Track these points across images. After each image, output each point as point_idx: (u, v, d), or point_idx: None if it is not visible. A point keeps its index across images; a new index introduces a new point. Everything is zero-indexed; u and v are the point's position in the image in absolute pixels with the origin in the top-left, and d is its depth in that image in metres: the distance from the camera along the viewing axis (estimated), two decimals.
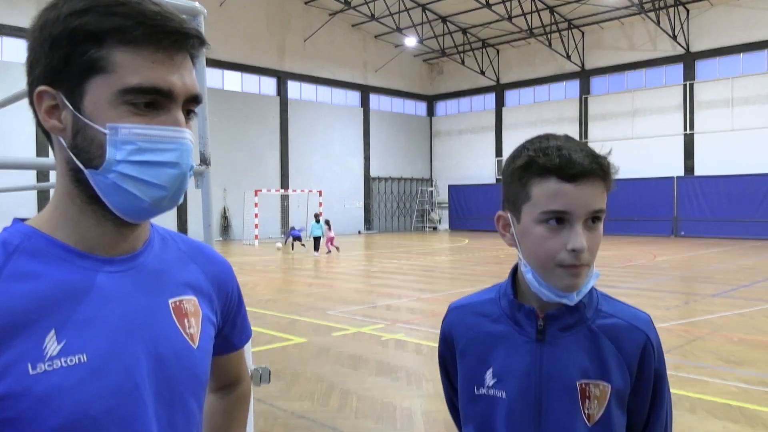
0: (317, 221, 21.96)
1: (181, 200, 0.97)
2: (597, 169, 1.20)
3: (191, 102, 0.96)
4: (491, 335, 1.34)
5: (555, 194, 1.19)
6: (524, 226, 1.25)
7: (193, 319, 1.04)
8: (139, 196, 0.91)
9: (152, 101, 0.91)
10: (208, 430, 1.24)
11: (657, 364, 1.31)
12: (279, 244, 24.78)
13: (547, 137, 1.25)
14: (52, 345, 0.87)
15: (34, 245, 0.93)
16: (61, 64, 0.90)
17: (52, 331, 0.88)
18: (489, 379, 1.32)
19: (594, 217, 1.22)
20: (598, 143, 34.33)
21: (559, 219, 1.20)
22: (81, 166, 0.92)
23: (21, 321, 0.86)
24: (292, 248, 24.15)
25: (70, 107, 0.91)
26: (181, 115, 0.94)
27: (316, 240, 21.77)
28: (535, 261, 1.24)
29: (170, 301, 1.03)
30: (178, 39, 0.92)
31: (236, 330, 1.21)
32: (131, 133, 0.90)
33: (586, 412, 1.25)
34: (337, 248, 22.38)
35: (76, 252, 0.94)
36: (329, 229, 22.30)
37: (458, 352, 1.39)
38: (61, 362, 0.87)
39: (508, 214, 1.30)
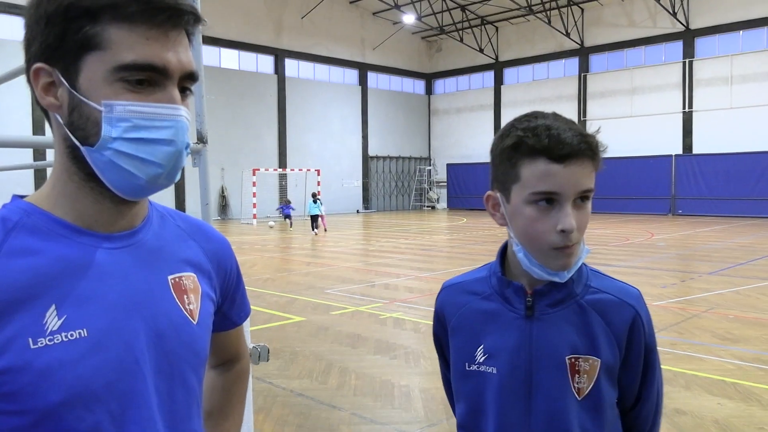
0: (315, 201, 22.28)
1: (177, 178, 0.97)
2: (586, 148, 1.19)
3: (187, 79, 0.96)
4: (482, 312, 1.35)
5: (545, 175, 1.19)
6: (514, 207, 1.25)
7: (192, 296, 1.05)
8: (135, 174, 0.92)
9: (147, 78, 0.91)
10: (208, 406, 1.25)
11: (647, 338, 1.32)
12: (272, 223, 25.00)
13: (536, 116, 1.25)
14: (52, 320, 0.88)
15: (33, 222, 0.93)
16: (57, 41, 0.89)
17: (53, 307, 0.89)
18: (480, 355, 1.33)
19: (582, 196, 1.22)
20: (596, 121, 34.33)
21: (549, 199, 1.20)
22: (77, 143, 0.92)
23: (21, 296, 0.87)
24: (290, 225, 24.27)
25: (66, 84, 0.91)
26: (176, 93, 0.94)
27: (314, 219, 22.10)
28: (527, 242, 1.25)
29: (169, 277, 1.03)
30: (172, 15, 0.91)
31: (235, 307, 1.22)
32: (126, 110, 0.90)
33: (575, 386, 1.27)
34: (325, 228, 22.82)
35: (75, 228, 0.95)
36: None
37: (450, 329, 1.41)
38: (61, 337, 0.88)
39: (498, 194, 1.30)
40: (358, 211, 37.33)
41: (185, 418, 1.02)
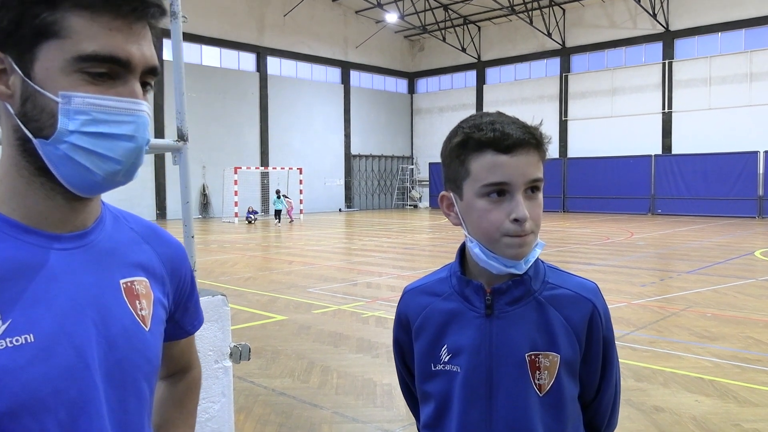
0: (278, 197, 26.18)
1: (136, 176, 0.93)
2: (530, 138, 1.23)
3: (148, 74, 0.92)
4: (444, 313, 1.36)
5: (493, 166, 1.23)
6: (467, 202, 1.28)
7: (144, 301, 1.01)
8: (92, 169, 0.87)
9: (108, 71, 0.87)
10: (158, 418, 1.20)
11: (605, 331, 1.34)
12: (236, 221, 26.72)
13: (481, 115, 1.29)
14: None
15: None
16: (11, 25, 0.84)
17: None
18: (445, 355, 1.34)
19: (533, 187, 1.25)
20: (578, 121, 34.40)
21: (500, 191, 1.23)
22: (30, 135, 0.87)
23: None
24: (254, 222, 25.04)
25: (20, 72, 0.86)
26: (138, 87, 0.90)
27: (277, 212, 25.99)
28: (481, 234, 1.27)
29: (121, 281, 0.99)
30: (138, 7, 0.87)
31: (188, 315, 1.18)
32: (85, 103, 0.86)
33: (536, 382, 1.28)
34: (291, 219, 27.04)
35: (22, 227, 0.90)
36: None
37: (413, 332, 1.41)
38: (5, 342, 0.83)
39: (451, 194, 1.33)
40: (340, 210, 37.28)
41: (137, 427, 0.99)
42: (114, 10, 0.86)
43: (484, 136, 1.23)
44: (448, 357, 1.34)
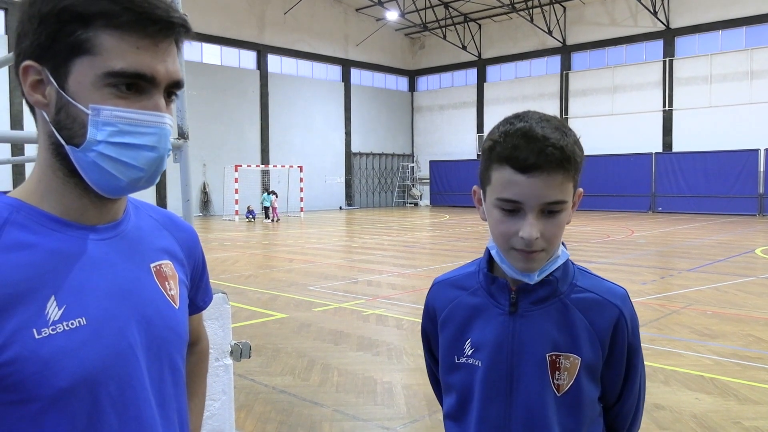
0: (268, 194, 27.28)
1: (157, 180, 1.02)
2: (552, 161, 1.18)
3: (173, 87, 1.00)
4: (469, 307, 1.38)
5: (508, 183, 1.21)
6: (487, 206, 1.30)
7: (172, 282, 1.12)
8: (117, 176, 0.96)
9: (134, 83, 0.95)
10: None
11: (631, 338, 1.34)
12: (236, 219, 27.20)
13: (520, 117, 1.24)
14: (53, 310, 0.93)
15: (22, 217, 0.96)
16: (48, 41, 0.93)
17: (52, 298, 0.93)
18: (468, 348, 1.36)
19: (552, 208, 1.23)
20: (578, 119, 34.44)
21: (514, 206, 1.22)
22: (62, 142, 0.96)
23: (22, 290, 0.91)
24: (254, 220, 26.31)
25: (55, 84, 0.94)
26: (162, 101, 0.98)
27: (267, 209, 26.99)
28: (496, 240, 1.29)
29: (151, 265, 1.09)
30: (164, 27, 0.95)
31: (200, 292, 1.30)
32: (113, 116, 0.94)
33: (555, 382, 1.29)
34: (278, 218, 27.08)
35: (63, 222, 0.99)
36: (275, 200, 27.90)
37: (439, 323, 1.43)
38: (63, 326, 0.93)
39: (480, 190, 1.34)
40: (341, 208, 37.27)
41: (173, 396, 1.10)
42: (142, 30, 0.94)
43: (504, 150, 1.20)
44: (471, 351, 1.36)
